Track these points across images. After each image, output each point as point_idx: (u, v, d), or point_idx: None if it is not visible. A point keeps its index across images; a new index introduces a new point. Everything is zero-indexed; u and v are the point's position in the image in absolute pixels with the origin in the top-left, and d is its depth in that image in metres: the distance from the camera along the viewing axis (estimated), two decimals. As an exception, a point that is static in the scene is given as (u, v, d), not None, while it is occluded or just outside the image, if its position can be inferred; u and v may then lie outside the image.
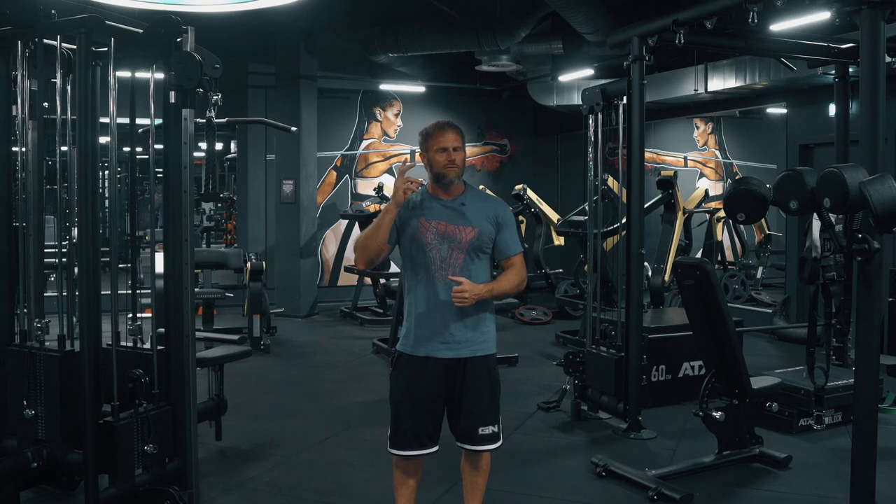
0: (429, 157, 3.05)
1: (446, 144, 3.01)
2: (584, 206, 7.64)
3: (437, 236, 3.02)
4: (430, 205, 3.07)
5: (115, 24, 3.36)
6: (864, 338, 3.58)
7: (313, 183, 10.29)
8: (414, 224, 3.05)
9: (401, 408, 3.07)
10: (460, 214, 3.05)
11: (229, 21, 7.83)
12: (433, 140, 3.03)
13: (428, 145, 3.05)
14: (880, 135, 3.95)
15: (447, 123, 3.09)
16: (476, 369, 3.06)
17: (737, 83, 8.47)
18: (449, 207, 3.06)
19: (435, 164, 3.03)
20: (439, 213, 3.05)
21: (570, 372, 5.45)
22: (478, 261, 3.06)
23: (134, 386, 3.39)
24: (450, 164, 3.01)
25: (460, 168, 3.04)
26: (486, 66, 9.54)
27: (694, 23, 4.97)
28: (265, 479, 4.19)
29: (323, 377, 6.78)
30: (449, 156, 3.01)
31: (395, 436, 3.08)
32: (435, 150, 3.02)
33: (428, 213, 3.05)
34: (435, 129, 3.06)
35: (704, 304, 4.17)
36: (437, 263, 3.02)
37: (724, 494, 4.02)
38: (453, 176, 3.03)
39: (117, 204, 5.58)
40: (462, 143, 3.06)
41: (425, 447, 3.07)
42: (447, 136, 3.02)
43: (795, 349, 7.41)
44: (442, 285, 3.01)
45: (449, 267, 3.01)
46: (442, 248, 3.02)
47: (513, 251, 3.12)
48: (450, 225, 3.03)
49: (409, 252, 3.08)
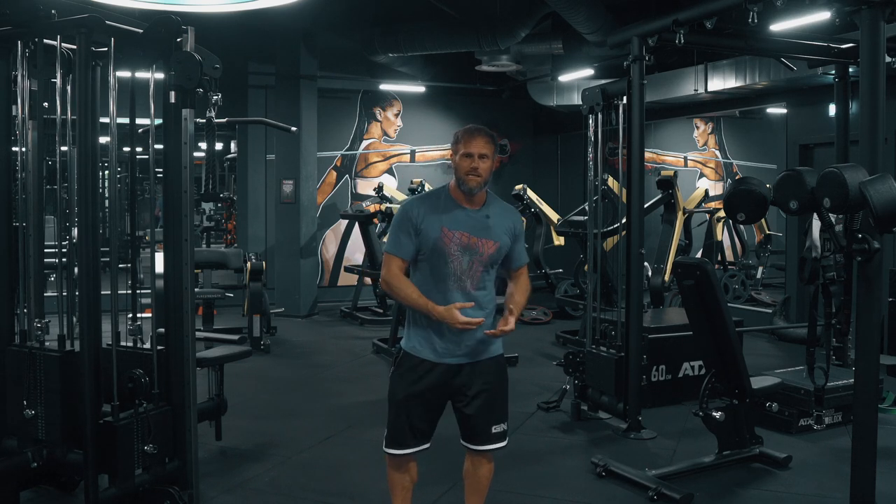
0: (456, 160, 2.99)
1: (472, 150, 2.94)
2: (584, 206, 7.64)
3: (460, 248, 2.95)
4: (454, 212, 2.98)
5: (115, 24, 3.36)
6: (864, 338, 3.58)
7: (313, 183, 10.29)
8: (436, 232, 2.96)
9: (400, 407, 3.03)
10: (485, 227, 2.98)
11: (229, 21, 7.83)
12: (462, 143, 2.97)
13: (456, 148, 2.99)
14: (880, 135, 3.95)
15: (479, 129, 3.00)
16: (486, 370, 3.04)
17: (737, 83, 8.47)
18: (473, 218, 2.99)
19: (459, 169, 2.97)
20: (463, 223, 2.97)
21: (570, 372, 5.45)
22: (492, 271, 3.04)
23: (134, 386, 3.39)
24: (472, 172, 2.93)
25: (483, 178, 2.95)
26: (486, 66, 9.54)
27: (694, 23, 4.98)
28: (265, 479, 4.20)
29: (323, 377, 6.78)
30: (473, 162, 2.93)
31: (392, 434, 3.05)
32: (461, 155, 2.96)
33: (451, 223, 2.97)
34: (465, 133, 2.99)
35: (704, 304, 4.17)
36: (458, 274, 2.97)
37: (724, 494, 4.02)
38: (474, 185, 2.94)
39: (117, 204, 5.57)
40: (491, 151, 2.96)
41: (419, 444, 3.05)
42: (475, 142, 2.95)
43: (795, 349, 7.41)
44: (460, 295, 2.96)
45: (468, 279, 2.97)
46: (463, 260, 2.96)
47: (523, 262, 3.15)
48: (473, 237, 2.96)
49: (428, 258, 2.98)
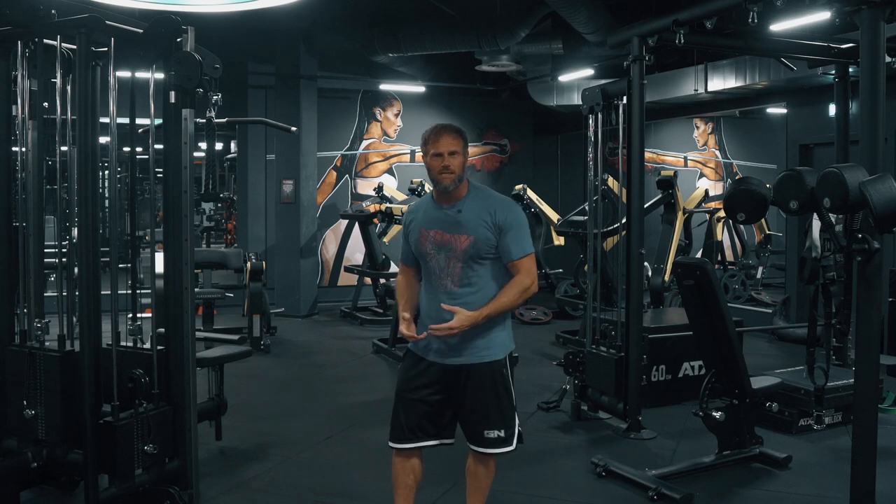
0: (427, 161, 2.99)
1: (441, 150, 2.94)
2: (584, 206, 7.63)
3: (435, 246, 2.99)
4: (432, 213, 3.05)
5: (115, 24, 3.36)
6: (864, 338, 3.58)
7: (313, 183, 10.29)
8: (416, 234, 3.05)
9: (398, 401, 3.09)
10: (456, 223, 2.97)
11: (229, 21, 7.83)
12: (430, 144, 2.97)
13: (426, 150, 2.99)
14: (880, 135, 3.95)
15: (445, 127, 2.99)
16: (479, 374, 3.01)
17: (737, 83, 8.47)
18: (447, 215, 3.00)
19: (432, 170, 2.97)
20: (438, 221, 3.01)
21: (570, 372, 5.45)
22: (479, 267, 2.97)
23: (134, 386, 3.39)
24: (444, 171, 2.93)
25: (456, 174, 2.94)
26: (486, 66, 9.54)
27: (694, 23, 4.98)
28: (265, 479, 4.19)
29: (323, 377, 6.78)
30: (443, 161, 2.92)
31: (392, 427, 3.09)
32: (431, 156, 2.96)
33: (427, 223, 3.03)
34: (431, 134, 2.98)
35: (704, 304, 4.17)
36: (437, 273, 3.00)
37: (724, 494, 4.02)
38: (448, 183, 2.95)
39: (117, 204, 5.57)
40: (461, 146, 2.96)
41: (419, 440, 3.04)
42: (442, 141, 2.94)
43: (795, 349, 7.41)
44: (443, 294, 2.99)
45: (447, 277, 2.98)
46: (440, 258, 2.99)
47: (514, 255, 2.96)
48: (446, 234, 2.97)
49: (420, 261, 3.10)
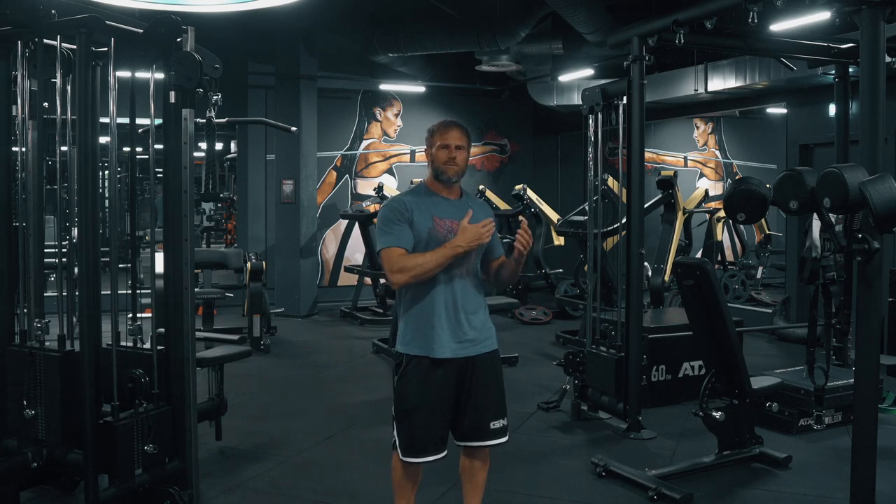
0: (432, 153, 3.07)
1: (449, 142, 3.04)
2: (584, 206, 7.64)
3: (453, 235, 2.99)
4: (439, 203, 3.06)
5: (115, 24, 3.36)
6: (864, 338, 3.57)
7: (313, 183, 10.29)
8: (428, 222, 2.99)
9: (415, 415, 2.99)
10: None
11: (229, 21, 7.83)
12: (437, 136, 3.06)
13: (432, 141, 3.08)
14: (880, 135, 3.96)
15: (454, 122, 3.12)
16: (484, 365, 3.07)
17: (737, 83, 8.47)
18: (456, 207, 3.06)
19: (436, 160, 3.05)
20: (450, 211, 3.04)
21: (570, 372, 5.44)
22: (477, 260, 3.11)
23: (134, 386, 3.39)
24: (450, 162, 3.03)
25: (461, 167, 3.06)
26: (486, 66, 9.54)
27: (694, 23, 4.98)
28: (265, 479, 4.20)
29: (323, 377, 6.78)
30: (450, 153, 3.03)
31: (411, 443, 3.00)
32: (438, 147, 3.05)
33: (440, 212, 3.03)
34: (440, 126, 3.09)
35: (704, 304, 4.17)
36: (456, 262, 2.99)
37: (724, 494, 4.02)
38: (452, 174, 3.04)
39: (117, 204, 5.56)
40: (466, 143, 3.08)
41: (440, 451, 3.04)
42: (451, 134, 3.05)
43: (795, 349, 7.41)
44: (460, 284, 3.01)
45: (463, 265, 3.01)
46: None
47: (497, 253, 3.20)
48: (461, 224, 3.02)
49: (423, 251, 2.95)
